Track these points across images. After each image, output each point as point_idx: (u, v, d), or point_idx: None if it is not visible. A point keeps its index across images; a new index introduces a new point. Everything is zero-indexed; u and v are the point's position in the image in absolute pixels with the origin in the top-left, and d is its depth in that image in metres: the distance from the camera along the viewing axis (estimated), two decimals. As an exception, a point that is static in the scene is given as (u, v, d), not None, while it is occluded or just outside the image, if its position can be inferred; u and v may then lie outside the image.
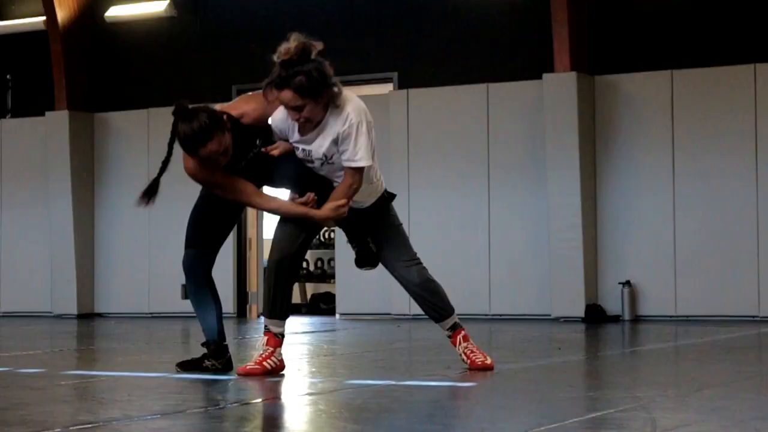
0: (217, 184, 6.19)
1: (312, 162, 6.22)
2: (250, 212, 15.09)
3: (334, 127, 6.13)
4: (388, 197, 6.56)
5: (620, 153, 13.04)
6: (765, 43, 12.61)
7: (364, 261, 6.55)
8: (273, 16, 14.62)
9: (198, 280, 6.44)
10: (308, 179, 6.25)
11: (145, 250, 15.26)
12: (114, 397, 5.56)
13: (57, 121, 15.42)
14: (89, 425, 4.48)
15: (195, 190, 6.52)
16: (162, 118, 15.24)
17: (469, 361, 6.55)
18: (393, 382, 5.99)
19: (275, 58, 6.03)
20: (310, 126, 6.11)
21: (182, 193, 14.50)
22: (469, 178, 13.59)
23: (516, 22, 13.64)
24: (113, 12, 15.52)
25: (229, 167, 6.16)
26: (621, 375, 6.86)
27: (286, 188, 6.39)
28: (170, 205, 15.21)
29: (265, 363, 6.27)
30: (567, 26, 12.85)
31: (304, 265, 17.25)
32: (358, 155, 6.13)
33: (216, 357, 6.46)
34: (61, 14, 15.30)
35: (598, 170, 13.15)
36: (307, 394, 5.60)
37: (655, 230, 12.86)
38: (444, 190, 13.71)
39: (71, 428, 4.39)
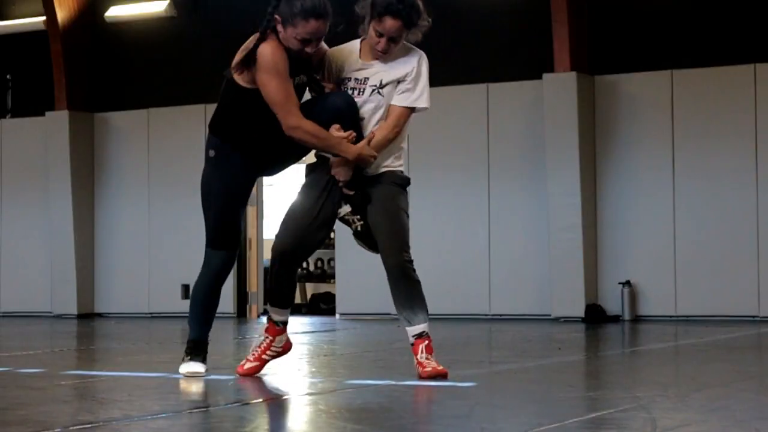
0: (280, 74, 5.90)
1: (361, 92, 6.08)
2: (250, 212, 15.10)
3: (405, 60, 6.11)
4: (402, 181, 6.23)
5: (620, 153, 13.04)
6: (765, 43, 12.61)
7: (371, 239, 6.14)
8: (273, 16, 14.61)
9: (223, 281, 6.32)
10: (352, 119, 6.06)
11: (145, 250, 15.26)
12: (114, 397, 5.56)
13: (57, 121, 15.42)
14: (89, 425, 4.48)
15: (193, 190, 6.44)
16: (162, 118, 15.27)
17: (420, 368, 6.09)
18: (393, 382, 5.98)
19: None
20: (386, 57, 6.08)
21: (182, 193, 14.58)
22: (469, 178, 13.59)
23: (516, 22, 13.64)
24: (113, 12, 15.52)
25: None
26: (621, 375, 6.86)
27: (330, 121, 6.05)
28: (170, 205, 15.25)
29: (264, 356, 6.24)
30: (567, 26, 12.86)
31: (304, 265, 17.26)
32: (425, 95, 6.12)
33: (199, 353, 6.34)
34: (61, 14, 15.30)
35: (598, 170, 13.15)
36: (307, 394, 5.60)
37: (655, 230, 12.86)
38: (444, 190, 13.71)
39: (71, 428, 4.39)
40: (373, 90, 6.08)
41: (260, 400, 5.40)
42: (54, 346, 9.70)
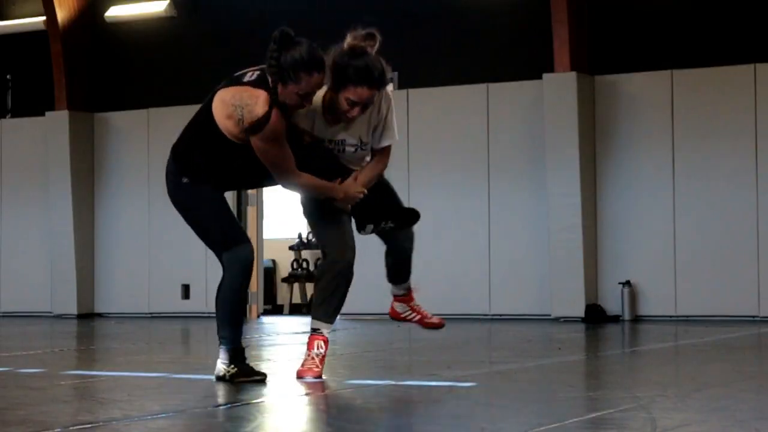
0: (281, 140, 5.75)
1: (342, 151, 6.06)
2: (251, 213, 15.09)
3: (375, 110, 6.03)
4: None
5: (620, 153, 13.04)
6: (765, 43, 12.61)
7: (409, 217, 6.36)
8: (273, 16, 14.62)
9: (250, 277, 6.15)
10: (333, 170, 6.08)
11: (145, 250, 15.26)
12: (114, 397, 5.56)
13: (57, 121, 15.42)
14: (89, 425, 4.48)
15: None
16: (162, 118, 15.27)
17: (420, 316, 6.60)
18: (393, 382, 5.99)
19: (339, 53, 5.84)
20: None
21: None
22: (469, 178, 13.59)
23: (516, 22, 13.64)
24: (113, 12, 15.52)
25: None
26: (621, 375, 6.86)
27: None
28: (170, 205, 15.22)
29: (322, 365, 6.16)
30: (567, 26, 12.86)
31: (304, 265, 17.27)
32: (397, 132, 6.13)
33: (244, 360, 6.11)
34: (61, 14, 15.31)
35: (598, 170, 13.15)
36: (307, 394, 5.60)
37: (655, 230, 12.86)
38: (444, 190, 13.72)
39: (71, 428, 4.40)
40: (356, 148, 6.06)
41: (260, 400, 5.40)
42: (54, 346, 9.70)
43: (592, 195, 13.09)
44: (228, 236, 6.05)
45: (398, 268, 6.49)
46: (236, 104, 5.80)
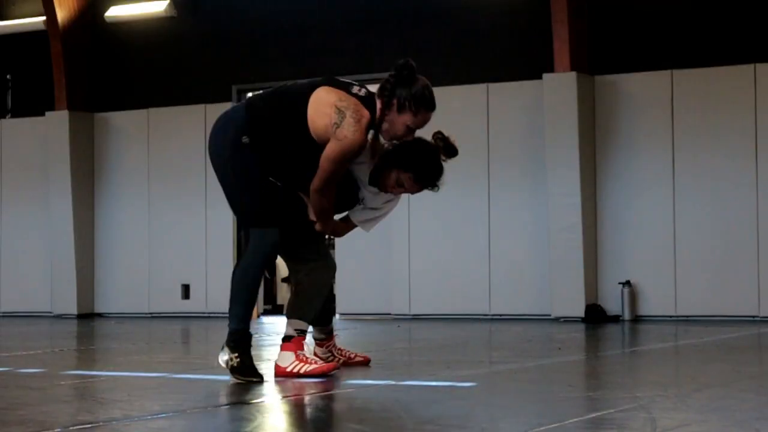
0: (351, 156, 5.97)
1: (389, 201, 6.55)
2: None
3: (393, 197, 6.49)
4: None
5: (620, 153, 13.04)
6: (765, 43, 12.61)
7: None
8: (273, 16, 14.62)
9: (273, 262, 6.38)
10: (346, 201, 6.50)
11: (145, 250, 15.26)
12: (114, 397, 5.56)
13: (57, 121, 15.42)
14: (89, 425, 4.48)
15: (193, 190, 6.36)
16: (162, 118, 15.27)
17: (342, 359, 6.84)
18: (393, 382, 5.99)
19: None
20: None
21: (182, 193, 14.59)
22: (469, 177, 13.59)
23: (516, 22, 13.64)
24: (113, 12, 15.52)
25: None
26: (621, 375, 6.85)
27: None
28: (170, 205, 15.25)
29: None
30: (567, 26, 12.86)
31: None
32: (375, 226, 6.56)
33: (248, 348, 6.13)
34: (61, 14, 15.31)
35: (598, 170, 13.15)
36: (307, 394, 5.60)
37: (655, 230, 12.86)
38: (444, 190, 13.68)
39: (71, 428, 4.40)
40: (359, 201, 6.51)
41: (260, 400, 5.40)
42: (54, 346, 9.70)
43: (592, 195, 13.09)
44: (261, 215, 6.05)
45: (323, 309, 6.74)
46: (342, 108, 5.89)
